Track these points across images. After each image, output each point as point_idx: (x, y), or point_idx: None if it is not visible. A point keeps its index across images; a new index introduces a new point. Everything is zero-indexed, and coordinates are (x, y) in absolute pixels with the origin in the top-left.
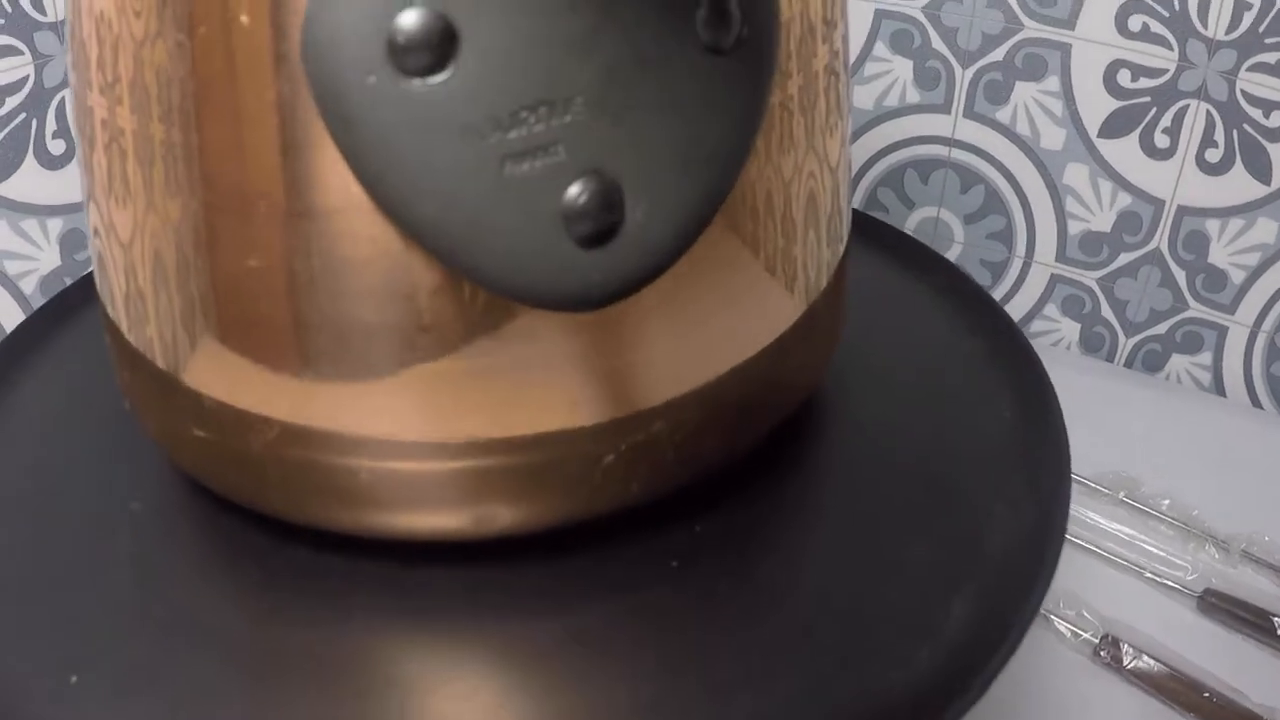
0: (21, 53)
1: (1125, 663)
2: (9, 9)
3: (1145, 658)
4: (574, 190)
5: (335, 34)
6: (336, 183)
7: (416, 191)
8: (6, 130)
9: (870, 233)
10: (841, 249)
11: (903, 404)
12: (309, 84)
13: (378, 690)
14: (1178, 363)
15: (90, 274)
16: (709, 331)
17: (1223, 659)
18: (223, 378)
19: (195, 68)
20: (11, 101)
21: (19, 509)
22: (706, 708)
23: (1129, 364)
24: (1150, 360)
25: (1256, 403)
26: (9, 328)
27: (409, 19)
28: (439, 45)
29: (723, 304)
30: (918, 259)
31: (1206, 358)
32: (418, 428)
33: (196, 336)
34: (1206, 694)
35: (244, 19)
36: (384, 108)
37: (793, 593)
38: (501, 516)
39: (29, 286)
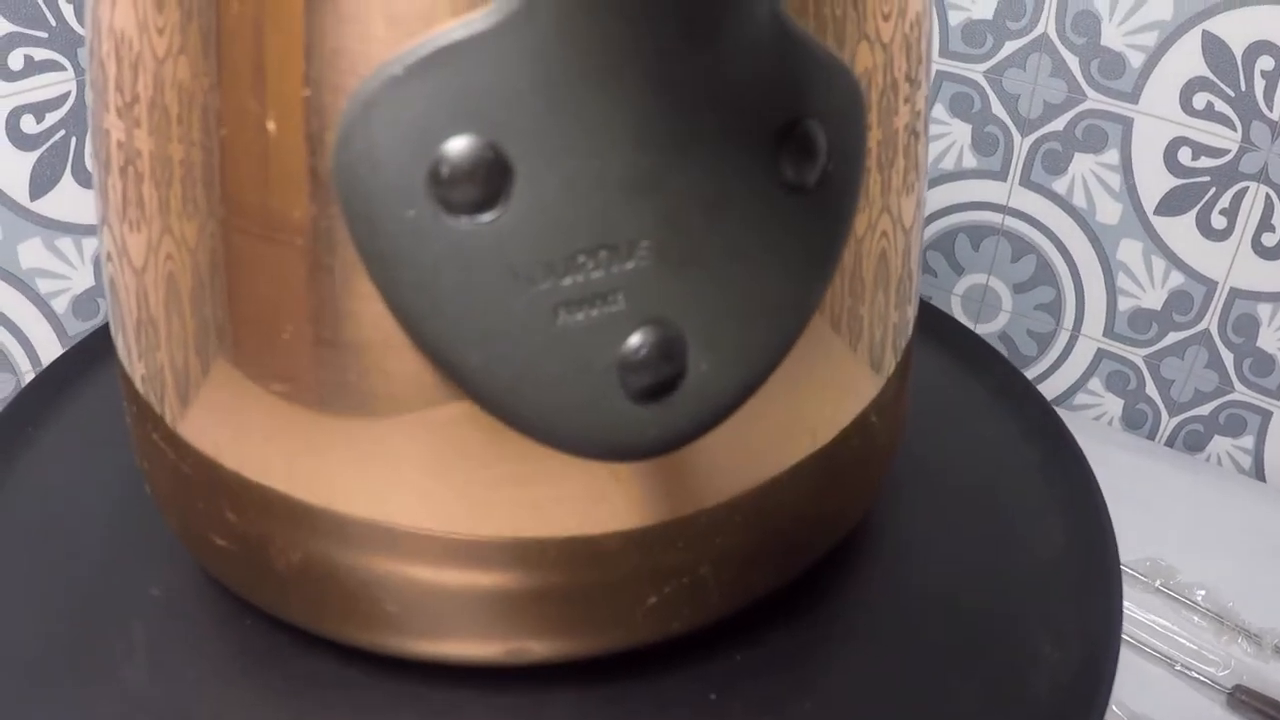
0: (64, 68)
1: None
2: (53, 23)
3: None
4: (633, 341)
5: (372, 158)
6: (371, 316)
7: (459, 338)
8: (47, 145)
9: (926, 323)
10: (910, 326)
11: (952, 521)
12: (342, 210)
13: None
14: (1219, 444)
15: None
16: (788, 411)
17: None
18: (247, 455)
19: (220, 177)
20: (52, 117)
21: (32, 583)
22: None
23: (1170, 443)
24: (1192, 440)
25: None
26: (39, 347)
27: (456, 148)
28: (489, 180)
29: (791, 386)
30: (975, 355)
31: (1249, 441)
32: (450, 519)
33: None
34: None
35: (271, 126)
36: (424, 246)
37: None
38: (534, 649)
39: (61, 306)
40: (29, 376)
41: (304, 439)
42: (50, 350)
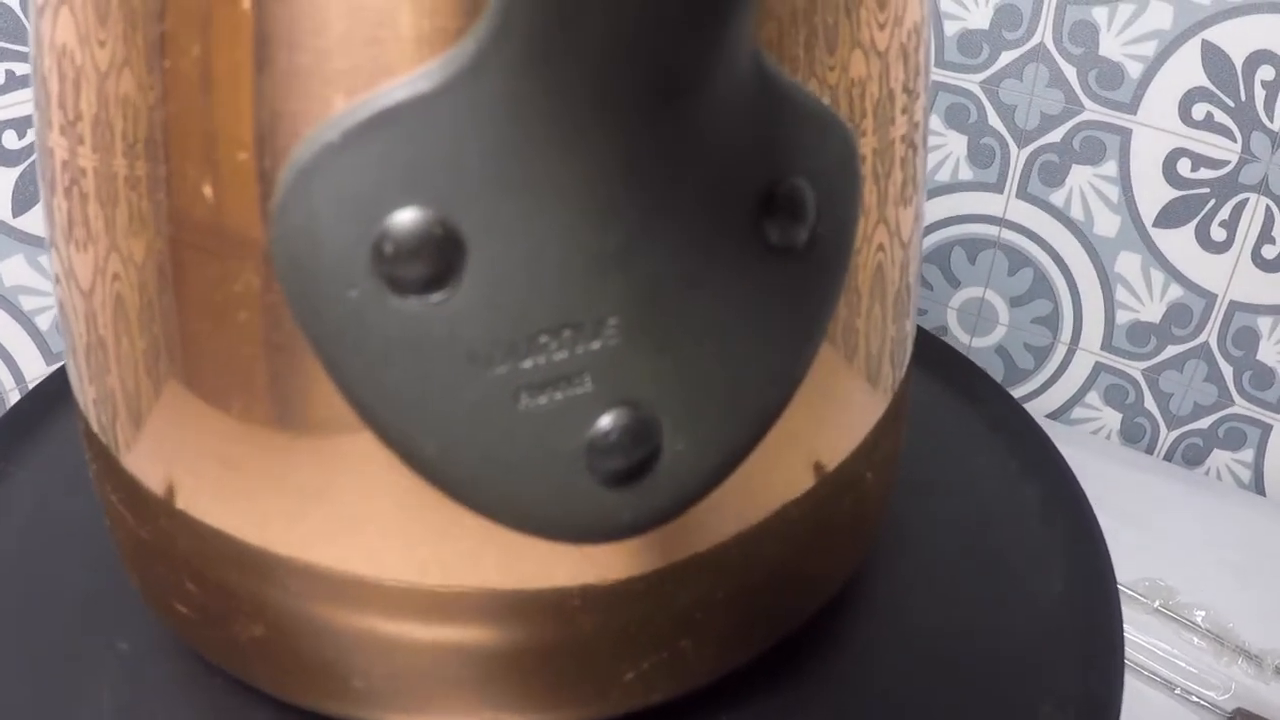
0: None
1: None
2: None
3: None
4: (602, 424)
5: (311, 233)
6: (325, 398)
7: (413, 425)
8: (29, 162)
9: (921, 350)
10: (910, 344)
11: (948, 567)
12: (282, 287)
13: None
14: (1219, 458)
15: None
16: (775, 448)
17: None
18: (204, 505)
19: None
20: (33, 134)
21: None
22: None
23: (1169, 457)
24: (1191, 454)
25: None
26: (23, 365)
27: (401, 222)
28: (439, 256)
29: (793, 412)
30: (971, 386)
31: (1248, 455)
32: (419, 570)
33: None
34: None
35: (207, 191)
36: (370, 328)
37: None
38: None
39: (45, 323)
40: (13, 395)
41: (260, 479)
42: (34, 367)
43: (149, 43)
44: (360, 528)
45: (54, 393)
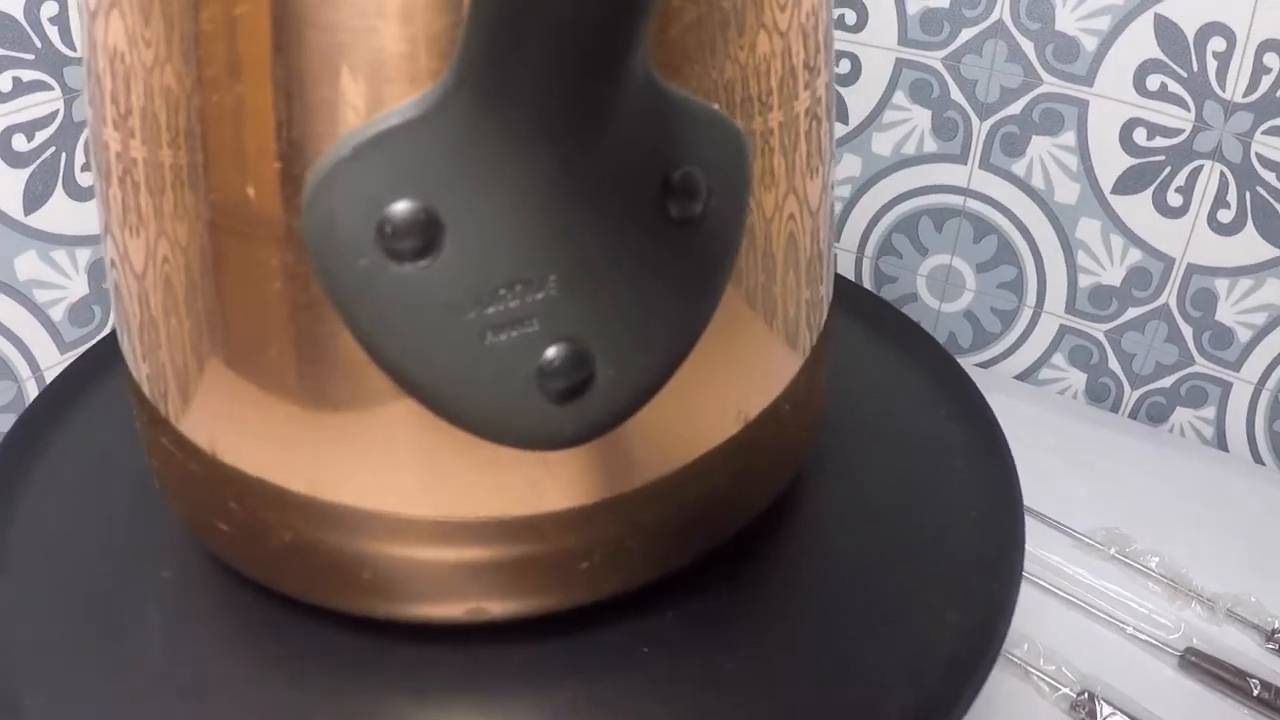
0: (51, 88)
1: (1100, 718)
2: (39, 45)
3: (1120, 715)
4: (548, 355)
5: (331, 220)
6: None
7: (406, 359)
8: (38, 163)
9: (851, 301)
10: (826, 305)
11: (872, 492)
12: (310, 260)
13: None
14: (1181, 416)
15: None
16: (705, 396)
17: (1199, 717)
18: (239, 450)
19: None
20: (42, 135)
21: (55, 570)
22: None
23: (1133, 415)
24: (1154, 412)
25: (1258, 459)
26: (38, 355)
27: (397, 210)
28: (424, 234)
29: (718, 366)
30: (902, 334)
31: (1210, 412)
32: (420, 504)
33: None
34: None
35: (250, 191)
36: (375, 288)
37: (747, 685)
38: (491, 609)
39: (58, 314)
40: (29, 383)
41: (291, 436)
42: (49, 357)
43: (189, 53)
44: (371, 471)
45: (87, 369)
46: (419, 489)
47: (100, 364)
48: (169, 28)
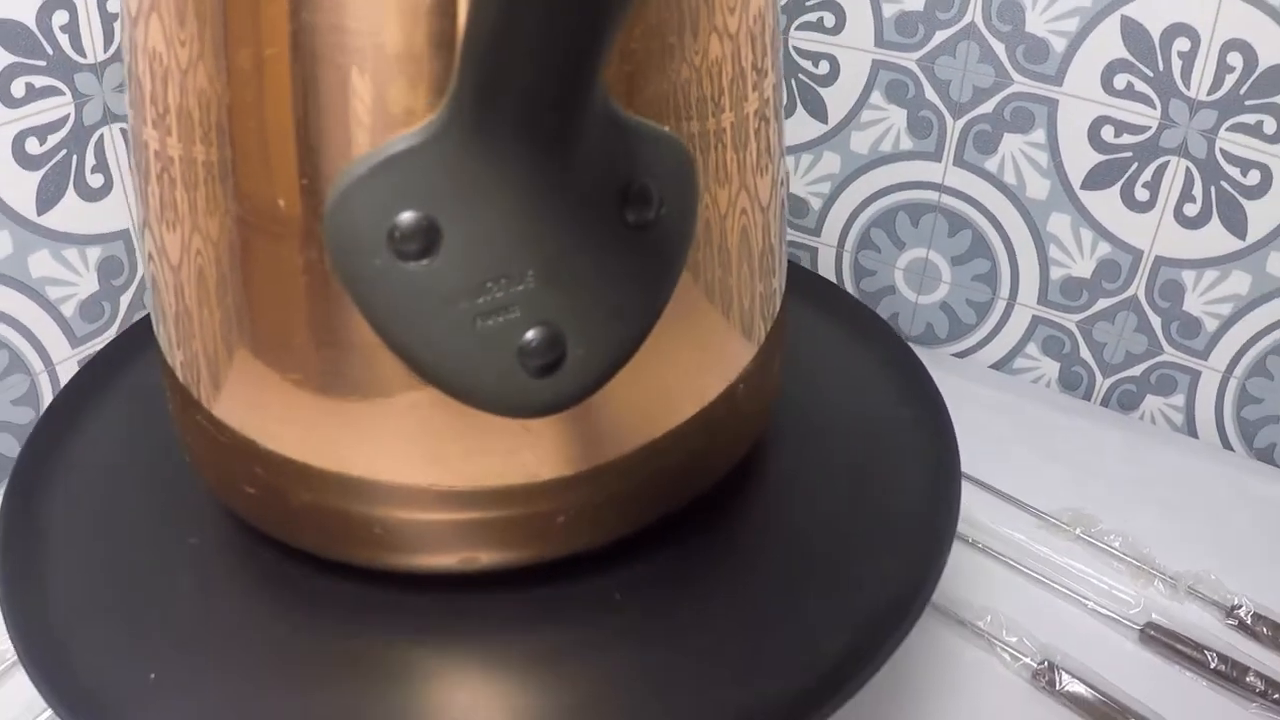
0: (63, 93)
1: (1060, 687)
2: (50, 52)
3: (1079, 684)
4: (528, 336)
5: (350, 227)
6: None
7: (411, 341)
8: (50, 165)
9: (807, 289)
10: (779, 295)
11: (826, 464)
12: (331, 260)
13: (384, 686)
14: (1152, 403)
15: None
16: (667, 381)
17: (1157, 688)
18: (265, 429)
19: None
20: (54, 139)
21: (95, 539)
22: (630, 709)
23: (1105, 403)
24: (1125, 400)
25: (1227, 444)
26: (50, 350)
27: (404, 218)
28: (425, 238)
29: (678, 354)
30: (861, 324)
31: (1180, 400)
32: (422, 474)
33: (240, 384)
34: (1133, 716)
35: (281, 202)
36: (386, 282)
37: (703, 629)
38: (481, 558)
39: (69, 310)
40: (42, 377)
41: (312, 417)
42: (60, 351)
43: (219, 64)
44: (380, 446)
45: (115, 357)
46: (421, 462)
47: (126, 353)
48: (202, 27)
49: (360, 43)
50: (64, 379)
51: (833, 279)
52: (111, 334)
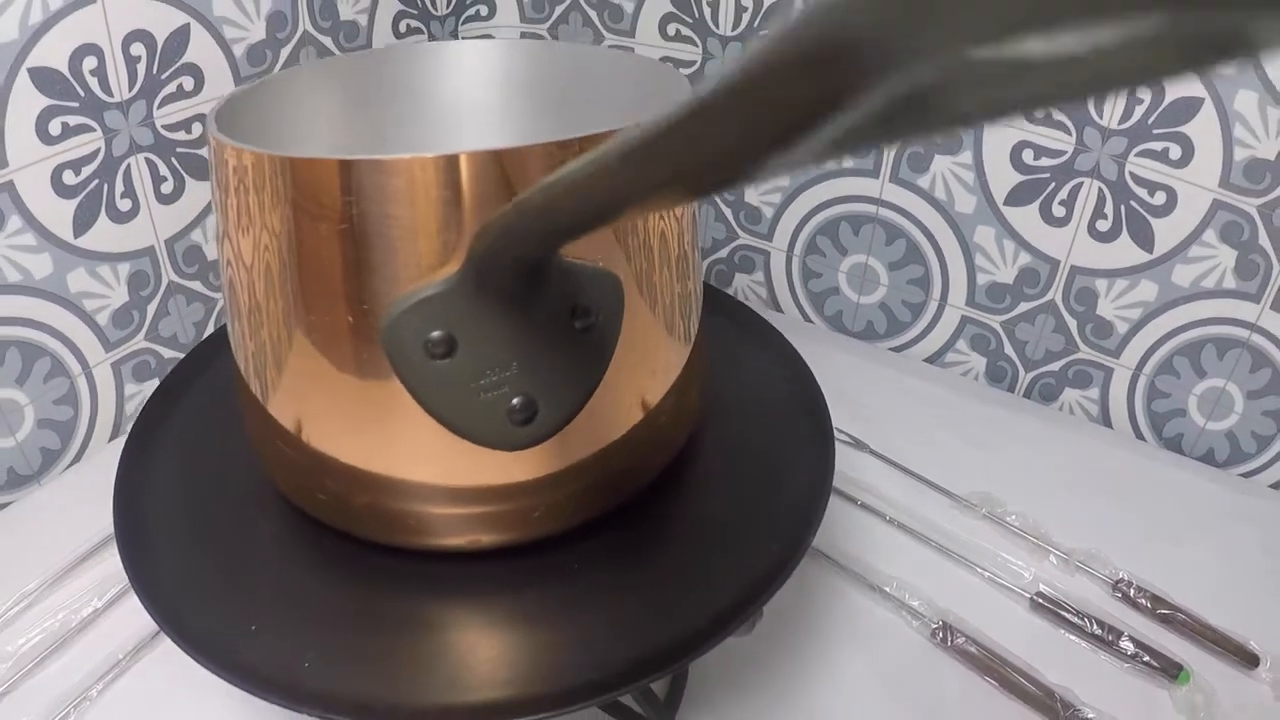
0: (94, 129)
1: (952, 642)
2: (82, 94)
3: (968, 640)
4: (514, 403)
5: (398, 339)
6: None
7: (439, 408)
8: (84, 194)
9: (733, 313)
10: (698, 309)
11: (733, 458)
12: (387, 358)
13: (413, 630)
14: (1070, 395)
15: (215, 334)
16: (607, 411)
17: (1041, 649)
18: (338, 449)
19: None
20: (87, 170)
21: (190, 525)
22: (591, 645)
23: (1027, 394)
24: (1046, 392)
25: (1140, 435)
26: (87, 354)
27: (433, 335)
28: (447, 346)
29: (618, 390)
30: (762, 335)
31: (1095, 393)
32: (443, 481)
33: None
34: (1013, 670)
35: (350, 319)
36: (423, 373)
37: (639, 587)
38: (483, 540)
39: (103, 319)
40: (80, 379)
41: (370, 450)
42: (96, 355)
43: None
44: (413, 460)
45: (205, 353)
46: (443, 475)
47: (212, 355)
48: (286, 207)
49: (402, 224)
50: (100, 380)
51: (784, 280)
52: (140, 339)
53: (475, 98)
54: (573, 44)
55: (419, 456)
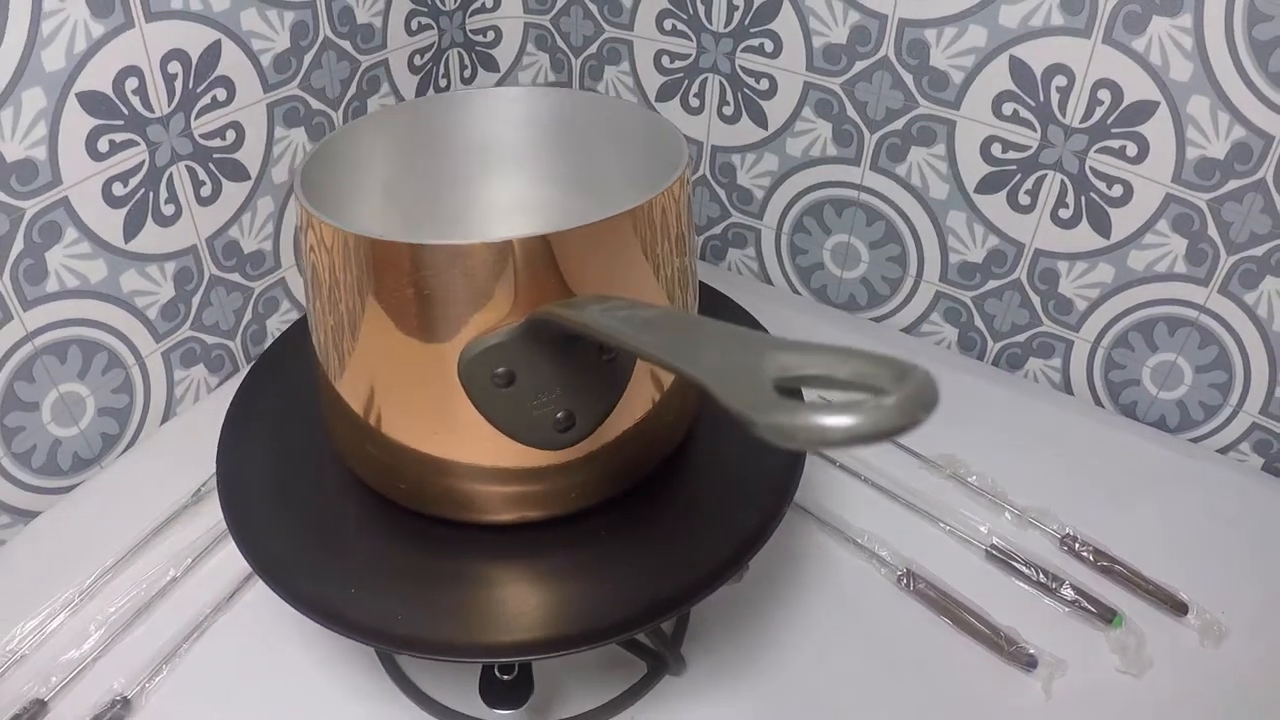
0: (138, 144)
1: (915, 587)
2: (126, 113)
3: (929, 585)
4: (558, 415)
5: (471, 373)
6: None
7: (503, 422)
8: (132, 203)
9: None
10: (698, 295)
11: (723, 444)
12: (462, 387)
13: (470, 587)
14: (1034, 364)
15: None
16: (625, 410)
17: (993, 594)
18: (421, 441)
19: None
20: (134, 181)
21: (278, 505)
22: (615, 594)
23: (996, 363)
24: (1013, 361)
25: (1099, 403)
26: (139, 346)
27: (498, 370)
28: (508, 379)
29: (633, 399)
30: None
31: (1058, 363)
32: (498, 461)
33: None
34: (967, 612)
35: (431, 353)
36: (490, 397)
37: (650, 549)
38: (529, 514)
39: (153, 314)
40: (134, 369)
41: (445, 445)
42: (147, 346)
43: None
44: (474, 449)
45: (293, 341)
46: (500, 464)
47: (289, 344)
48: (370, 274)
49: (469, 292)
50: (152, 369)
51: (774, 256)
52: (186, 328)
53: (506, 138)
54: (590, 93)
55: (484, 455)
